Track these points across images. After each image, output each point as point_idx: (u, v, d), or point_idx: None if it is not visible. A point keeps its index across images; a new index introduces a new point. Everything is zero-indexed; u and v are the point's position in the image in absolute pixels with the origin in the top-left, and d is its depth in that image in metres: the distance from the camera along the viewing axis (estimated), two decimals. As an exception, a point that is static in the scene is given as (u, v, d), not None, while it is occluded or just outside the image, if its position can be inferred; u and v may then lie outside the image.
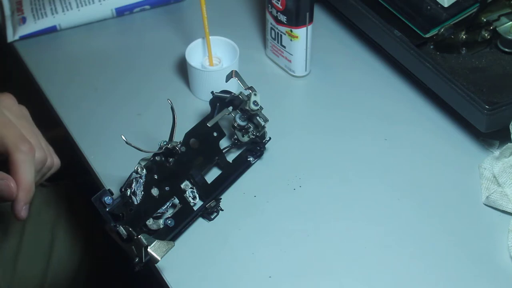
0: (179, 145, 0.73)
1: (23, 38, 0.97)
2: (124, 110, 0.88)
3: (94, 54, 0.96)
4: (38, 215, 0.99)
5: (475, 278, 0.70)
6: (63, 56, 0.96)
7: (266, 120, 0.78)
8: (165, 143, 0.72)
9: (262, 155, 0.81)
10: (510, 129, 0.78)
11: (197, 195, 0.76)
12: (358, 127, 0.85)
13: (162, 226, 0.71)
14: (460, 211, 0.76)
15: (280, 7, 0.85)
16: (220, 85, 0.80)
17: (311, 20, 0.86)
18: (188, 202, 0.75)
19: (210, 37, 0.86)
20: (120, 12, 1.00)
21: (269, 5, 0.87)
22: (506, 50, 0.87)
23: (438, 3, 0.88)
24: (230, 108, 0.79)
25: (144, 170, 0.70)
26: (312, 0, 0.84)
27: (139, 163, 0.71)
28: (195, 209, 0.75)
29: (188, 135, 0.76)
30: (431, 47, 0.87)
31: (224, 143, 0.82)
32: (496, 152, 0.81)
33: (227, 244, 0.73)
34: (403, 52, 0.85)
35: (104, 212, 0.67)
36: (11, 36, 0.97)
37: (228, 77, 0.78)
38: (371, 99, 0.89)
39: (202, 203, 0.76)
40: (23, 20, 0.97)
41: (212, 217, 0.76)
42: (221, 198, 0.77)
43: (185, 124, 0.78)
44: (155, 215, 0.72)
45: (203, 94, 0.87)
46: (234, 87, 0.83)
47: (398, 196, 0.78)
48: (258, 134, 0.79)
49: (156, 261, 0.65)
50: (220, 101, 0.79)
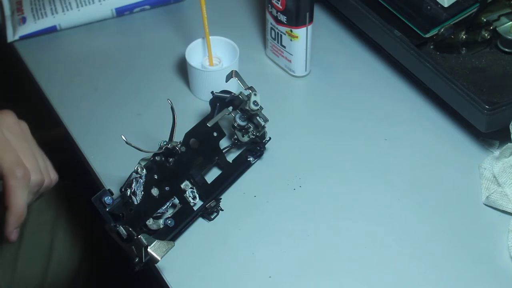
0: (179, 145, 0.73)
1: (23, 38, 0.97)
2: (124, 110, 0.88)
3: (94, 54, 0.96)
4: (38, 215, 0.99)
5: (475, 278, 0.70)
6: (63, 56, 0.96)
7: (266, 120, 0.78)
8: (165, 143, 0.72)
9: (262, 155, 0.81)
10: (510, 129, 0.78)
11: (197, 195, 0.76)
12: (358, 127, 0.85)
13: (162, 226, 0.71)
14: (460, 211, 0.76)
15: (280, 7, 0.85)
16: (220, 85, 0.80)
17: (311, 20, 0.86)
18: (188, 202, 0.75)
19: (210, 37, 0.86)
20: (120, 12, 1.00)
21: (269, 5, 0.87)
22: (506, 50, 0.87)
23: (438, 3, 0.88)
24: (230, 108, 0.79)
25: (144, 170, 0.70)
26: (312, 0, 0.84)
27: (139, 163, 0.71)
28: (195, 209, 0.75)
29: (188, 135, 0.76)
30: (431, 47, 0.87)
31: (224, 143, 0.82)
32: (496, 152, 0.81)
33: (227, 244, 0.73)
34: (403, 52, 0.85)
35: (104, 212, 0.67)
36: (11, 36, 0.97)
37: (228, 77, 0.78)
38: (371, 99, 0.89)
39: (202, 203, 0.76)
40: (23, 20, 0.97)
41: (212, 217, 0.76)
42: (221, 198, 0.77)
43: (185, 124, 0.78)
44: (155, 215, 0.72)
45: (203, 94, 0.87)
46: (234, 87, 0.83)
47: (398, 196, 0.78)
48: (258, 134, 0.79)
49: (156, 261, 0.65)
50: (220, 101, 0.79)
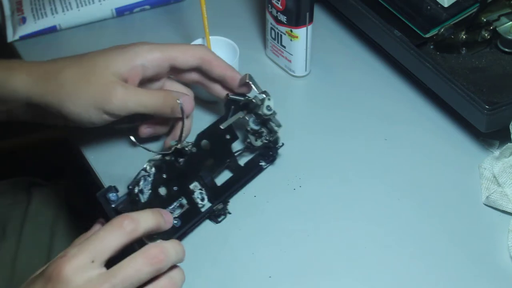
0: (190, 145, 0.73)
1: (23, 38, 0.97)
2: (124, 110, 0.88)
3: (94, 54, 0.96)
4: (37, 215, 0.99)
5: (475, 278, 0.70)
6: (63, 56, 0.95)
7: (279, 126, 0.77)
8: (175, 143, 0.71)
9: (274, 160, 0.80)
10: (510, 129, 0.78)
11: (205, 197, 0.75)
12: (358, 127, 0.85)
13: None
14: (460, 211, 0.76)
15: (280, 7, 0.85)
16: (220, 85, 0.80)
17: (311, 20, 0.86)
18: (196, 203, 0.74)
19: (210, 37, 0.86)
20: (120, 12, 1.00)
21: (269, 5, 0.87)
22: (506, 50, 0.87)
23: (438, 3, 0.88)
24: (243, 112, 0.78)
25: (153, 168, 0.69)
26: (312, 0, 0.84)
27: (148, 161, 0.69)
28: (203, 210, 0.74)
29: (200, 136, 0.75)
30: (431, 47, 0.87)
31: (236, 146, 0.81)
32: (496, 152, 0.81)
33: (227, 244, 0.73)
34: (403, 52, 0.85)
35: (109, 208, 0.66)
36: (11, 36, 0.97)
37: (242, 80, 0.77)
38: (371, 99, 0.89)
39: (210, 205, 0.75)
40: (23, 20, 0.97)
41: (219, 219, 0.75)
42: (229, 201, 0.76)
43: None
44: None
45: (203, 94, 0.87)
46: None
47: (398, 196, 0.78)
48: (271, 139, 0.78)
49: None
50: (234, 103, 0.78)
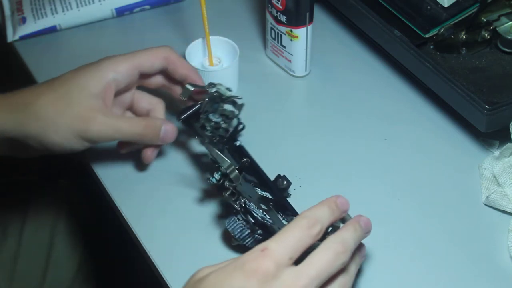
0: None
1: (23, 38, 0.97)
2: (124, 110, 0.88)
3: (94, 54, 0.95)
4: (37, 215, 0.99)
5: (475, 278, 0.70)
6: (63, 56, 0.95)
7: (241, 100, 0.76)
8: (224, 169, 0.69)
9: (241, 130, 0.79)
10: (510, 129, 0.78)
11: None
12: (358, 127, 0.85)
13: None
14: (460, 211, 0.76)
15: (280, 7, 0.85)
16: (220, 85, 0.80)
17: (311, 20, 0.86)
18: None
19: (210, 37, 0.86)
20: (120, 12, 1.00)
21: (269, 5, 0.87)
22: (506, 50, 0.87)
23: (438, 3, 0.88)
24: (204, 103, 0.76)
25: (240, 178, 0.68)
26: (312, 0, 0.84)
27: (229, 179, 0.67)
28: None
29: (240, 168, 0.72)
30: (431, 47, 0.87)
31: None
32: (496, 152, 0.81)
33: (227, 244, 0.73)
34: (403, 52, 0.85)
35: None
36: (11, 36, 0.97)
37: (186, 94, 0.76)
38: (371, 99, 0.89)
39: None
40: (23, 20, 0.97)
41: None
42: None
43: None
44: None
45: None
46: (233, 86, 0.83)
47: (398, 196, 0.78)
48: (230, 123, 0.77)
49: None
50: (190, 118, 0.76)
